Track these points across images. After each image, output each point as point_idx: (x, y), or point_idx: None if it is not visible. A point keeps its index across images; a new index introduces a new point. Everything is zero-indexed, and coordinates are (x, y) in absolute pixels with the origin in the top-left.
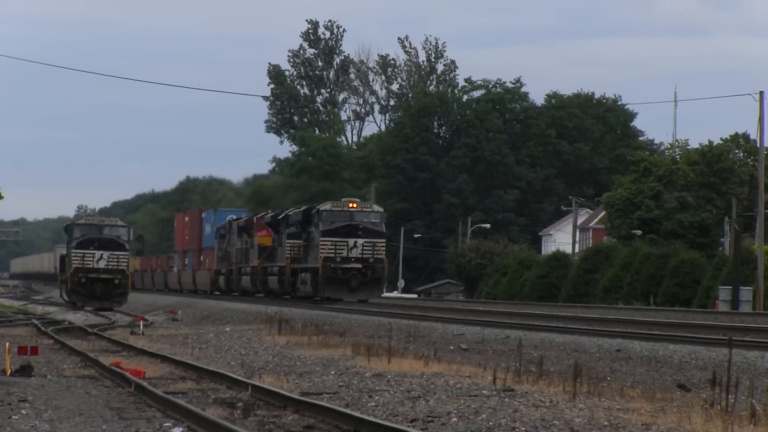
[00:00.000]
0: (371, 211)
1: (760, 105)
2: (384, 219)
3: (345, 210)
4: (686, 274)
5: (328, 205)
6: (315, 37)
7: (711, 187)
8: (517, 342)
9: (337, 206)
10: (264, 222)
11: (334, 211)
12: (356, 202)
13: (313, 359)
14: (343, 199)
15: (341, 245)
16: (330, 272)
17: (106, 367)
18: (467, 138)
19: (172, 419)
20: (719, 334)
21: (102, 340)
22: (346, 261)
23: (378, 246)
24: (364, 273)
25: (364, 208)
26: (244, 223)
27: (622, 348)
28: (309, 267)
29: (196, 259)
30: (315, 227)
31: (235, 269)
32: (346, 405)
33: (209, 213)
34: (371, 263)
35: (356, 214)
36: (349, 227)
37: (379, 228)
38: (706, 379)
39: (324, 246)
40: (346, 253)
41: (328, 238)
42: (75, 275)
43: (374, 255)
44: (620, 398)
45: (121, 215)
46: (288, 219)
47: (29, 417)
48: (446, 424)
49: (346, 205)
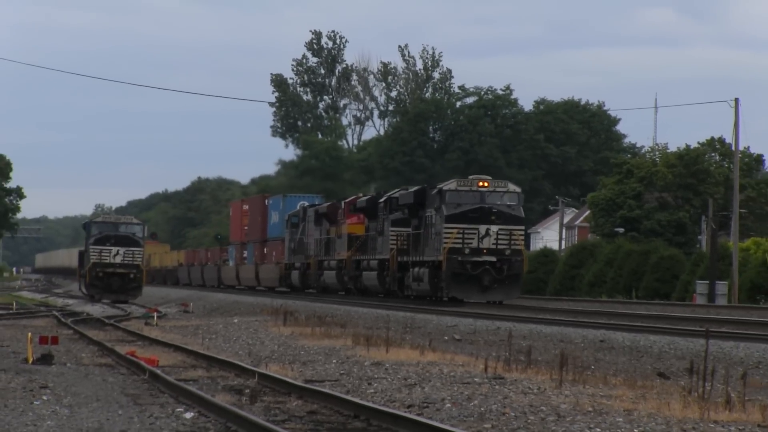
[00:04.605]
0: (506, 191)
1: (735, 111)
2: (522, 201)
3: (474, 190)
4: (666, 270)
5: (452, 183)
6: (318, 47)
7: (689, 187)
8: (507, 333)
9: (464, 185)
10: (355, 207)
11: (461, 191)
12: (487, 181)
13: (315, 349)
14: (472, 177)
15: (470, 233)
16: (457, 267)
17: (121, 356)
18: (461, 142)
19: (184, 405)
20: (696, 326)
21: (118, 331)
22: (476, 253)
23: (516, 234)
24: (499, 268)
25: (498, 187)
26: (325, 209)
27: (605, 339)
28: (425, 260)
29: (258, 251)
30: (436, 211)
31: (313, 263)
32: (347, 392)
33: (276, 199)
34: (508, 256)
35: (488, 194)
36: (481, 211)
37: (516, 212)
38: (684, 367)
39: (449, 234)
40: (477, 244)
41: (454, 225)
42: (93, 270)
43: (511, 246)
44: (604, 386)
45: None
46: (392, 202)
47: (50, 402)
48: (440, 409)
49: (475, 184)
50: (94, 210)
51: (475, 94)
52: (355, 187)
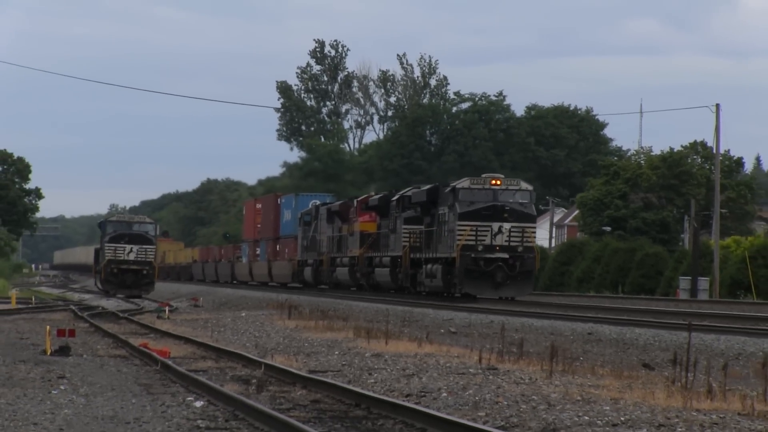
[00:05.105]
0: (518, 189)
1: (716, 116)
2: (534, 199)
3: (487, 188)
4: (650, 266)
5: (465, 181)
6: (321, 55)
7: (672, 188)
8: (500, 326)
9: (477, 183)
10: (367, 205)
11: (474, 189)
12: (500, 179)
13: (319, 341)
14: (484, 175)
15: (483, 230)
16: (470, 263)
17: (135, 348)
18: (456, 145)
19: (194, 394)
20: (680, 320)
21: (132, 324)
22: (489, 250)
23: (528, 231)
24: (512, 265)
25: (510, 186)
26: (337, 207)
27: (593, 331)
28: (438, 257)
29: (271, 248)
30: (449, 209)
31: (326, 259)
32: (349, 381)
33: (289, 198)
34: (520, 253)
35: (501, 192)
36: (493, 208)
37: (528, 210)
38: (668, 359)
39: (462, 231)
40: (490, 241)
41: (467, 222)
42: (108, 266)
43: (523, 243)
44: (592, 376)
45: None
46: (405, 200)
47: (67, 392)
48: (437, 398)
49: (488, 182)
50: (109, 210)
51: (469, 99)
52: (356, 187)
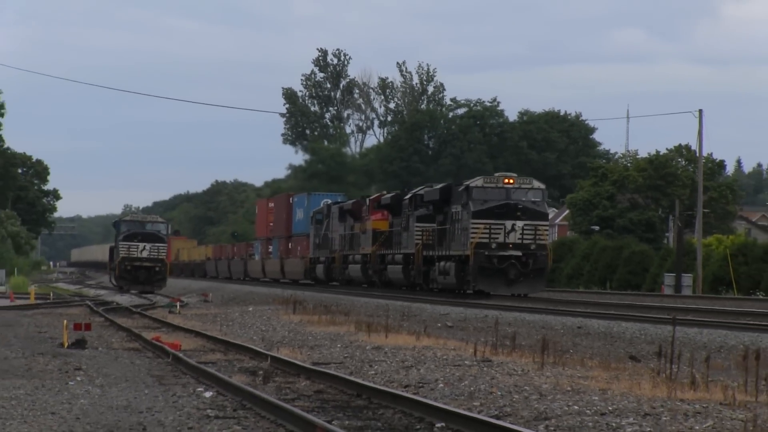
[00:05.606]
0: (531, 187)
1: (699, 121)
2: (546, 197)
3: (500, 186)
4: (637, 263)
5: (479, 180)
6: (324, 63)
7: (657, 189)
8: (494, 320)
9: (490, 182)
10: (379, 204)
11: (487, 188)
12: (513, 178)
13: (322, 335)
14: (498, 174)
15: (497, 228)
16: (483, 261)
17: (148, 341)
18: (452, 149)
19: (204, 385)
20: (664, 314)
21: (144, 318)
22: (502, 247)
23: (540, 229)
24: (525, 262)
25: (523, 184)
26: (350, 206)
27: (582, 325)
28: (452, 255)
29: (283, 246)
30: (462, 207)
31: (338, 257)
32: (350, 373)
33: (301, 197)
34: (533, 250)
35: (514, 191)
36: (506, 207)
37: (541, 208)
38: (654, 351)
39: (476, 229)
40: (503, 238)
41: (481, 220)
42: (122, 263)
43: (536, 240)
44: (581, 367)
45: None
46: (417, 199)
47: (83, 383)
48: (434, 389)
49: (501, 181)
50: (123, 210)
51: (465, 105)
52: (358, 188)
